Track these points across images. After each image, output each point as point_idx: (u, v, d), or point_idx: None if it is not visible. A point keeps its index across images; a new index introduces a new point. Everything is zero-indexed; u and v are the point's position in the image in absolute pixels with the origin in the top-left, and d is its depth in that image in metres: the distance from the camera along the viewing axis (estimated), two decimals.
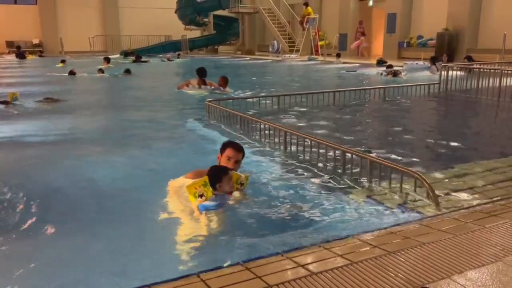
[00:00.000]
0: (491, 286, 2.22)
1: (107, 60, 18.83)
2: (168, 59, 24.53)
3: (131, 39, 32.00)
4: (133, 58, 23.56)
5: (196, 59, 25.37)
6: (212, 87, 10.92)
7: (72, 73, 15.28)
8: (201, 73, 11.09)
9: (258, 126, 6.25)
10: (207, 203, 3.53)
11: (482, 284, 2.25)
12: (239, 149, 4.02)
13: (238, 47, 32.09)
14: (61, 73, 16.02)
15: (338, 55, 22.23)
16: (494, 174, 4.43)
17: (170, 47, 29.85)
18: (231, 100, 8.53)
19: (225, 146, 4.05)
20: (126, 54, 26.56)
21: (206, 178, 3.59)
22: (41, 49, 30.86)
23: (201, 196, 3.56)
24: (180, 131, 7.02)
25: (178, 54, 26.75)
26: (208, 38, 32.51)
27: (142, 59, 23.14)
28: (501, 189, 3.94)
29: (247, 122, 6.54)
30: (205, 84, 10.97)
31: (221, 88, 10.90)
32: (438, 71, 11.82)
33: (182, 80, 12.29)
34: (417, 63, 17.80)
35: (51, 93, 10.28)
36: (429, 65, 15.41)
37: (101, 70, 15.82)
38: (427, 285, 2.23)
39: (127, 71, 15.78)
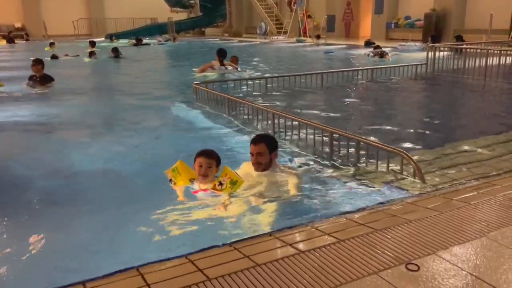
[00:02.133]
0: (475, 261, 2.26)
1: (92, 44, 18.50)
2: (174, 39, 24.65)
3: (116, 22, 31.41)
4: (133, 41, 23.19)
5: (196, 42, 25.18)
6: (231, 67, 10.98)
7: (54, 57, 15.04)
8: (222, 54, 11.07)
9: (246, 108, 6.22)
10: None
11: (467, 259, 2.28)
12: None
13: (225, 29, 31.75)
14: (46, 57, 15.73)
15: (318, 37, 22.12)
16: (479, 152, 4.48)
17: (156, 30, 29.40)
18: (218, 83, 8.46)
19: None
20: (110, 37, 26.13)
21: (177, 163, 3.65)
22: (25, 32, 30.12)
23: (170, 181, 3.62)
24: (167, 114, 6.97)
25: (174, 38, 26.40)
26: (194, 20, 32.05)
27: (143, 42, 22.76)
28: (486, 167, 3.99)
29: (235, 104, 6.50)
30: (223, 64, 10.96)
31: (237, 67, 11.09)
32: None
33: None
34: (415, 45, 17.70)
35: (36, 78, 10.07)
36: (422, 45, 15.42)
37: (93, 53, 15.51)
38: (413, 261, 2.26)
39: (115, 51, 15.51)
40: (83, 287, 2.11)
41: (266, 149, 3.71)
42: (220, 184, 3.48)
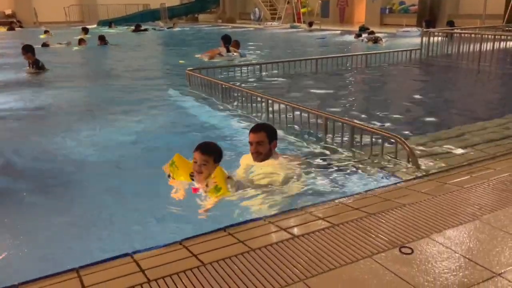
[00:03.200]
0: (468, 244, 2.28)
1: (86, 30, 18.25)
2: (174, 25, 24.60)
3: (108, 8, 30.99)
4: (132, 27, 22.92)
5: (195, 28, 25.00)
6: (236, 53, 11.09)
7: (45, 45, 14.86)
8: (228, 40, 11.21)
9: (240, 94, 6.18)
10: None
11: (460, 242, 2.30)
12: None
13: (219, 15, 31.44)
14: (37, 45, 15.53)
15: (310, 24, 21.99)
16: (472, 137, 4.49)
17: (148, 16, 29.08)
18: (211, 69, 8.39)
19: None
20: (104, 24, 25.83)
21: (174, 156, 3.39)
22: (15, 20, 29.63)
23: (169, 176, 3.38)
24: (160, 100, 6.91)
25: (174, 24, 26.13)
26: (187, 6, 31.73)
27: (142, 28, 22.52)
28: (478, 151, 4.00)
29: (228, 90, 6.46)
30: (229, 51, 11.09)
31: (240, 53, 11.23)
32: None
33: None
34: (418, 29, 17.46)
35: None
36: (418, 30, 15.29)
37: (82, 40, 15.34)
38: (407, 245, 2.27)
39: (103, 39, 15.32)
40: (76, 274, 2.10)
41: (266, 138, 3.55)
42: (207, 185, 3.22)
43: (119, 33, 21.59)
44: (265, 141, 3.55)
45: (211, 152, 3.26)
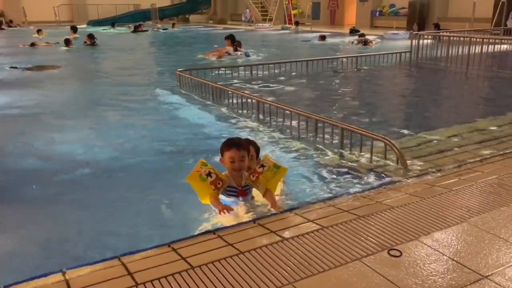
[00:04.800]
0: (456, 246, 2.29)
1: (74, 29, 18.10)
2: (173, 25, 24.73)
3: (98, 8, 30.79)
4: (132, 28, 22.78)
5: (193, 30, 24.95)
6: (240, 53, 11.34)
7: (33, 44, 14.74)
8: (234, 39, 11.49)
9: (230, 95, 6.17)
10: (224, 198, 2.99)
11: (448, 244, 2.31)
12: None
13: (210, 16, 31.42)
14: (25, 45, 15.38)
15: (297, 23, 22.06)
16: (461, 139, 4.53)
17: (139, 16, 28.94)
18: (202, 70, 8.37)
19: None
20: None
21: (201, 160, 3.01)
22: (3, 19, 29.29)
23: (208, 175, 2.89)
24: (150, 101, 6.87)
25: (173, 24, 26.00)
26: (178, 6, 31.65)
27: (141, 29, 22.31)
28: (467, 153, 4.04)
29: (219, 92, 6.45)
30: (236, 50, 11.39)
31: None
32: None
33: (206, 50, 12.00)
34: (406, 32, 17.55)
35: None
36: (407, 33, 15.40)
37: (69, 41, 15.19)
38: (396, 247, 2.28)
39: (91, 38, 15.17)
40: (62, 276, 2.07)
41: (254, 152, 3.21)
42: (262, 166, 3.02)
43: (117, 33, 21.40)
44: (254, 155, 3.22)
45: (245, 146, 3.03)
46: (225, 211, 2.79)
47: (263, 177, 3.01)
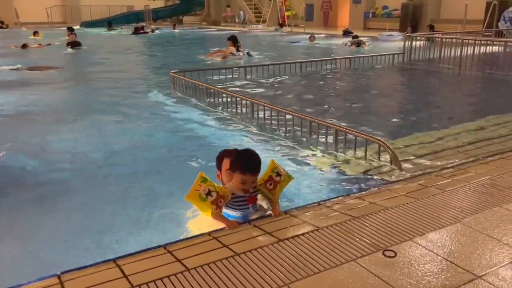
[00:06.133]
0: (450, 246, 2.31)
1: (71, 30, 17.95)
2: (174, 27, 24.70)
3: (91, 10, 30.65)
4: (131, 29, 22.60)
5: (192, 31, 24.90)
6: (242, 53, 11.50)
7: (24, 46, 14.66)
8: (237, 40, 11.60)
9: (224, 97, 6.17)
10: (233, 213, 2.78)
11: (442, 244, 2.33)
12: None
13: (203, 17, 31.37)
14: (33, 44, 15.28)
15: (281, 25, 22.10)
16: (454, 139, 4.56)
17: (133, 18, 28.84)
18: (196, 71, 8.36)
19: (234, 166, 2.73)
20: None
21: (200, 174, 2.68)
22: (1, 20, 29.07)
23: (208, 194, 2.62)
24: (145, 104, 6.84)
25: (174, 25, 25.89)
26: (172, 8, 31.58)
27: (143, 31, 22.07)
28: (461, 154, 4.07)
29: (213, 93, 6.45)
30: (239, 50, 11.53)
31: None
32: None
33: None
34: (398, 34, 17.60)
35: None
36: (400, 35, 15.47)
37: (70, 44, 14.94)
38: (390, 248, 2.29)
39: (74, 44, 14.95)
40: (58, 280, 2.06)
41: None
42: (279, 175, 2.84)
43: (123, 35, 21.20)
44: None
45: (259, 168, 2.74)
46: (232, 225, 2.59)
47: (280, 186, 2.85)
